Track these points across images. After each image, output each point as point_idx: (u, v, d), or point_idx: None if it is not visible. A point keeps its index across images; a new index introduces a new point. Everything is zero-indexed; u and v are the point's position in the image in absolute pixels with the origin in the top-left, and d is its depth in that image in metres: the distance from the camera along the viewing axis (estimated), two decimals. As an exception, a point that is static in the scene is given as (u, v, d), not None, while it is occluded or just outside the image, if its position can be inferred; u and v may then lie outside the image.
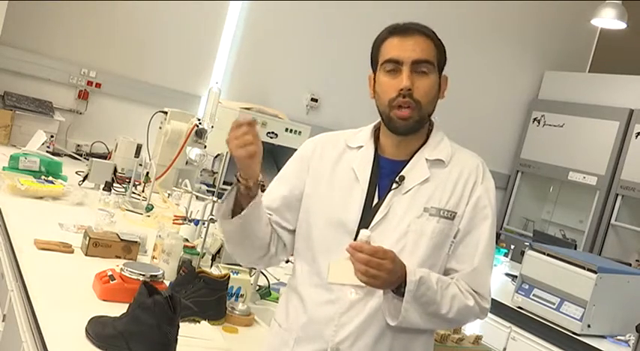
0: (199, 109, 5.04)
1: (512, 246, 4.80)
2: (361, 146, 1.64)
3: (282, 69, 5.46)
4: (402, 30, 1.56)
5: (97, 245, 2.30)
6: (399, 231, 1.54)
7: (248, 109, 4.84)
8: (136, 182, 3.52)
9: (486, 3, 6.07)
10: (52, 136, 4.32)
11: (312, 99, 5.59)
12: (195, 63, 5.16)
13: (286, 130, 4.90)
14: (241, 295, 2.13)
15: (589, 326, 3.07)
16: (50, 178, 3.21)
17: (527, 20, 6.41)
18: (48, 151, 3.89)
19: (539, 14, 6.42)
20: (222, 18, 5.18)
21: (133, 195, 3.41)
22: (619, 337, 3.13)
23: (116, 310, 1.69)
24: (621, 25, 5.37)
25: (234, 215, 1.55)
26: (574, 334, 3.09)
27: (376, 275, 1.39)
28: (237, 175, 1.53)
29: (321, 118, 5.60)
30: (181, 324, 1.63)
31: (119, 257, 2.31)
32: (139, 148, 4.11)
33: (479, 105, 6.35)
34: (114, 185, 3.44)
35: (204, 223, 2.51)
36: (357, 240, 1.42)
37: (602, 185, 5.76)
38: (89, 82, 4.77)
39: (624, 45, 6.26)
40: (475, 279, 1.55)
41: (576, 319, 3.09)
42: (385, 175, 1.59)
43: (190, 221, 2.63)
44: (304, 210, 1.63)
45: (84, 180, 3.51)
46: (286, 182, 1.67)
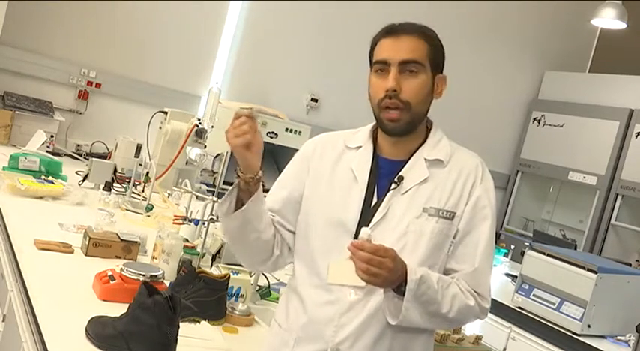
0: (199, 109, 5.04)
1: (512, 246, 4.80)
2: (360, 147, 1.64)
3: (282, 69, 5.46)
4: (393, 31, 1.57)
5: (97, 245, 2.30)
6: (398, 231, 1.54)
7: (248, 109, 4.84)
8: (136, 182, 3.52)
9: (486, 3, 6.07)
10: (52, 136, 4.32)
11: (312, 99, 5.60)
12: (195, 63, 5.16)
13: (286, 130, 4.90)
14: (241, 295, 2.13)
15: (589, 326, 3.07)
16: (50, 178, 3.21)
17: (527, 20, 6.41)
18: (48, 151, 3.89)
19: (539, 14, 6.42)
20: (222, 18, 5.18)
21: (133, 195, 3.41)
22: (619, 337, 3.12)
23: (116, 310, 1.69)
24: (621, 25, 5.37)
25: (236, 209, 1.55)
26: (574, 334, 3.09)
27: (377, 273, 1.39)
28: (237, 170, 1.53)
29: (321, 118, 5.60)
30: (181, 324, 1.63)
31: (119, 257, 2.31)
32: (139, 148, 4.11)
33: (479, 105, 6.35)
34: (114, 185, 3.44)
35: (204, 223, 2.51)
36: (358, 238, 1.42)
37: (602, 185, 5.76)
38: (89, 82, 4.77)
39: (624, 45, 6.26)
40: (475, 279, 1.55)
41: (576, 319, 3.08)
42: (384, 176, 1.59)
43: (190, 221, 2.63)
44: (304, 210, 1.63)
45: (84, 180, 3.51)
46: (287, 184, 1.67)
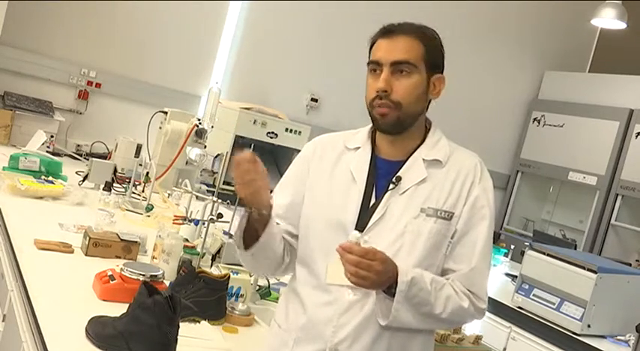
0: (199, 109, 5.04)
1: (512, 246, 4.80)
2: (358, 147, 1.64)
3: (282, 69, 5.46)
4: (389, 31, 1.57)
5: (97, 245, 2.30)
6: (396, 231, 1.54)
7: (248, 109, 4.85)
8: (136, 182, 3.52)
9: (486, 3, 6.07)
10: (52, 136, 4.32)
11: (312, 99, 5.60)
12: (195, 63, 5.16)
13: (286, 130, 4.90)
14: (241, 295, 2.13)
15: (589, 326, 3.07)
16: (50, 178, 3.21)
17: (527, 20, 6.41)
18: (48, 151, 3.89)
19: (539, 14, 6.42)
20: (222, 18, 5.18)
21: (133, 195, 3.41)
22: (619, 337, 3.12)
23: (116, 310, 1.69)
24: (621, 25, 5.37)
25: (248, 237, 1.56)
26: (574, 334, 3.09)
27: (366, 276, 1.40)
28: (247, 208, 1.53)
29: (321, 118, 5.60)
30: (181, 324, 1.63)
31: (119, 257, 2.31)
32: (139, 148, 4.11)
33: (479, 105, 6.35)
34: (114, 185, 3.44)
35: (204, 223, 2.51)
36: (347, 241, 1.43)
37: (602, 185, 5.76)
38: (89, 82, 4.77)
39: (624, 45, 6.26)
40: (472, 279, 1.55)
41: (576, 319, 3.08)
42: (382, 176, 1.59)
43: (190, 221, 2.63)
44: (304, 212, 1.64)
45: (84, 180, 3.51)
46: (289, 187, 1.67)
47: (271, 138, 4.84)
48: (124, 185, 3.58)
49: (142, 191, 3.53)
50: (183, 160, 3.62)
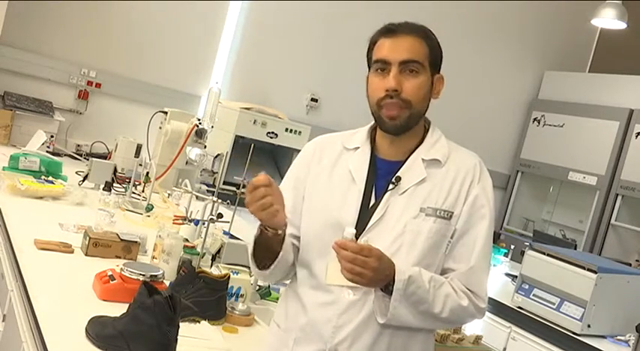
0: (199, 109, 5.04)
1: (512, 246, 4.80)
2: (357, 147, 1.64)
3: (282, 69, 5.46)
4: (392, 31, 1.57)
5: (97, 245, 2.30)
6: (395, 231, 1.54)
7: (248, 109, 4.85)
8: (136, 182, 3.52)
9: (486, 3, 6.07)
10: (52, 136, 4.32)
11: (312, 99, 5.60)
12: (195, 63, 5.16)
13: (286, 130, 4.90)
14: (241, 295, 2.13)
15: (589, 326, 3.07)
16: (50, 178, 3.21)
17: (527, 20, 6.41)
18: (48, 151, 3.89)
19: (539, 14, 6.42)
20: (222, 18, 5.18)
21: (133, 195, 3.41)
22: (619, 337, 3.12)
23: (116, 310, 1.69)
24: (621, 25, 5.37)
25: (262, 252, 1.58)
26: (574, 334, 3.09)
27: (361, 273, 1.40)
28: (262, 226, 1.54)
29: (321, 118, 5.60)
30: (181, 324, 1.63)
31: (119, 257, 2.31)
32: (139, 148, 4.11)
33: (479, 105, 6.35)
34: (114, 185, 3.44)
35: (204, 223, 2.51)
36: (342, 238, 1.43)
37: (602, 185, 5.76)
38: (89, 82, 4.77)
39: (624, 45, 6.26)
40: (471, 278, 1.55)
41: (576, 319, 3.08)
42: (382, 176, 1.59)
43: (190, 221, 2.63)
44: (304, 213, 1.64)
45: (84, 180, 3.51)
46: (290, 190, 1.66)
47: (271, 138, 4.83)
48: (124, 185, 3.58)
49: (142, 191, 3.53)
50: (183, 160, 3.62)
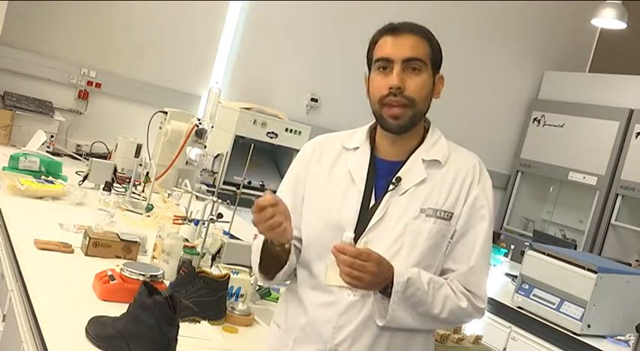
0: (199, 109, 5.04)
1: (512, 246, 4.80)
2: (357, 147, 1.63)
3: (282, 69, 5.46)
4: (394, 29, 1.57)
5: (97, 245, 2.30)
6: (396, 232, 1.54)
7: (248, 109, 4.85)
8: (136, 182, 3.52)
9: (486, 3, 6.07)
10: (52, 136, 4.32)
11: (312, 99, 5.60)
12: (195, 63, 5.16)
13: (286, 130, 4.91)
14: (241, 295, 2.13)
15: (589, 326, 3.07)
16: (50, 178, 3.22)
17: (527, 20, 6.41)
18: (48, 151, 3.89)
19: (539, 14, 6.42)
20: (222, 18, 5.18)
21: (133, 195, 3.41)
22: (619, 337, 3.12)
23: (116, 310, 1.69)
24: (621, 25, 5.37)
25: (266, 257, 1.58)
26: (574, 334, 3.09)
27: (360, 277, 1.41)
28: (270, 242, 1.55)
29: (321, 118, 5.60)
30: (181, 324, 1.63)
31: (119, 257, 2.31)
32: (139, 148, 4.11)
33: (479, 105, 6.35)
34: (114, 185, 3.44)
35: (204, 223, 2.51)
36: (341, 242, 1.43)
37: (602, 185, 5.76)
38: (89, 82, 4.77)
39: (624, 45, 6.26)
40: (471, 278, 1.55)
41: (576, 319, 3.08)
42: (382, 176, 1.59)
43: (190, 221, 2.63)
44: (304, 213, 1.63)
45: (84, 180, 3.51)
46: (290, 191, 1.67)
47: (271, 138, 4.84)
48: (124, 185, 3.58)
49: (142, 191, 3.53)
50: (183, 160, 3.62)
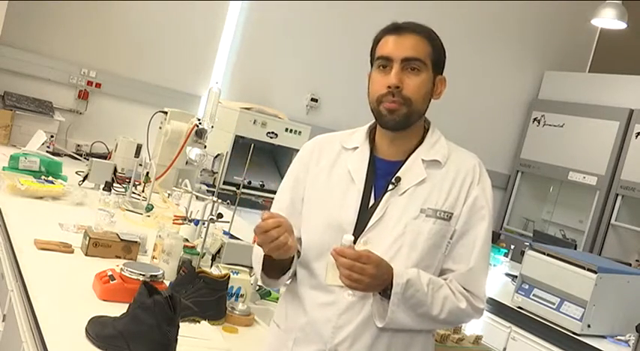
0: (199, 109, 5.04)
1: (512, 246, 4.79)
2: (357, 147, 1.64)
3: (282, 69, 5.46)
4: (396, 29, 1.58)
5: (97, 245, 2.30)
6: (395, 232, 1.54)
7: (248, 109, 4.85)
8: (136, 182, 3.52)
9: (486, 3, 6.07)
10: (52, 136, 4.32)
11: (312, 99, 5.60)
12: (195, 63, 5.16)
13: (286, 130, 4.91)
14: (241, 295, 2.13)
15: (589, 326, 3.07)
16: (50, 178, 3.22)
17: (527, 20, 6.41)
18: (48, 151, 3.89)
19: (539, 14, 6.42)
20: (222, 18, 5.18)
21: (133, 195, 3.41)
22: (619, 337, 3.12)
23: (116, 310, 1.69)
24: (621, 25, 5.37)
25: (269, 263, 1.58)
26: (574, 334, 3.09)
27: (359, 279, 1.41)
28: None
29: (321, 118, 5.60)
30: (181, 324, 1.63)
31: (119, 257, 2.31)
32: (139, 148, 4.11)
33: (479, 105, 6.35)
34: (114, 185, 3.44)
35: (204, 223, 2.51)
36: (340, 245, 1.43)
37: (602, 185, 5.76)
38: (89, 82, 4.77)
39: (624, 45, 6.26)
40: (470, 279, 1.55)
41: (576, 319, 3.08)
42: (381, 176, 1.59)
43: (190, 221, 2.63)
44: (304, 213, 1.64)
45: (84, 180, 3.51)
46: (289, 190, 1.67)
47: (271, 138, 4.84)
48: (124, 185, 3.58)
49: (142, 191, 3.53)
50: (183, 160, 3.62)
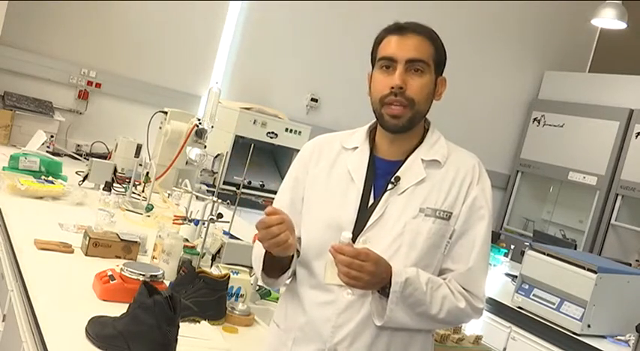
0: (199, 109, 5.04)
1: (512, 246, 4.79)
2: (356, 147, 1.64)
3: (282, 69, 5.46)
4: (399, 29, 1.57)
5: (97, 245, 2.30)
6: (394, 231, 1.54)
7: (248, 109, 4.85)
8: (136, 182, 3.52)
9: (486, 3, 6.07)
10: (52, 136, 4.32)
11: (312, 99, 5.60)
12: (195, 63, 5.16)
13: (286, 130, 4.91)
14: (241, 295, 2.13)
15: (589, 326, 3.07)
16: (50, 178, 3.22)
17: (527, 20, 6.41)
18: (48, 151, 3.89)
19: (539, 14, 6.42)
20: (222, 18, 5.18)
21: (133, 195, 3.41)
22: (619, 337, 3.12)
23: (116, 310, 1.69)
24: (621, 25, 5.37)
25: (268, 262, 1.58)
26: (574, 334, 3.09)
27: (358, 277, 1.41)
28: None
29: (321, 118, 5.60)
30: (181, 324, 1.63)
31: (119, 257, 2.31)
32: (139, 148, 4.11)
33: (479, 105, 6.35)
34: (114, 185, 3.44)
35: (204, 223, 2.51)
36: (338, 242, 1.43)
37: (602, 185, 5.76)
38: (89, 82, 4.78)
39: (624, 45, 6.26)
40: (469, 279, 1.55)
41: (576, 319, 3.08)
42: (381, 176, 1.59)
43: (190, 221, 2.63)
44: (304, 213, 1.64)
45: (84, 180, 3.52)
46: (289, 191, 1.67)
47: (271, 138, 4.84)
48: (124, 185, 3.58)
49: (142, 191, 3.53)
50: (183, 160, 3.62)
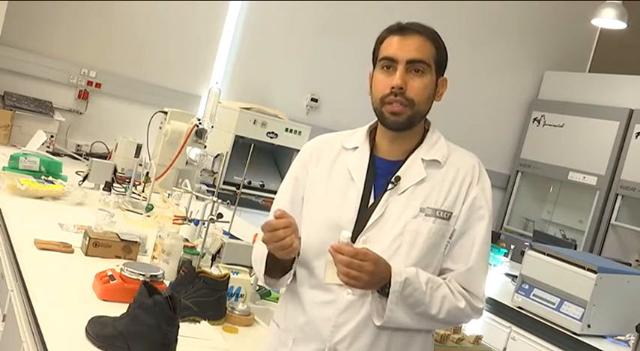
0: (199, 109, 5.04)
1: (512, 246, 4.79)
2: (356, 147, 1.64)
3: (282, 69, 5.46)
4: (401, 29, 1.57)
5: (97, 245, 2.30)
6: (395, 231, 1.54)
7: (248, 109, 4.85)
8: (136, 182, 3.52)
9: (486, 3, 6.07)
10: (52, 136, 4.32)
11: (312, 99, 5.60)
12: (196, 63, 5.16)
13: (286, 130, 4.91)
14: (241, 295, 2.13)
15: (589, 326, 3.07)
16: (50, 178, 3.22)
17: (527, 20, 6.42)
18: (48, 151, 3.89)
19: (539, 14, 6.42)
20: (222, 18, 5.18)
21: (133, 195, 3.41)
22: (619, 337, 3.12)
23: (116, 310, 1.69)
24: (621, 25, 5.37)
25: (270, 263, 1.58)
26: (574, 334, 3.09)
27: (357, 277, 1.41)
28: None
29: (321, 118, 5.60)
30: (181, 324, 1.63)
31: (119, 257, 2.31)
32: (139, 148, 4.11)
33: (479, 105, 6.36)
34: (114, 185, 3.44)
35: (204, 223, 2.51)
36: (338, 242, 1.43)
37: (602, 185, 5.76)
38: (89, 82, 4.78)
39: (624, 45, 6.26)
40: (469, 278, 1.55)
41: (576, 319, 3.08)
42: (381, 176, 1.59)
43: (190, 221, 2.63)
44: (304, 213, 1.64)
45: (84, 180, 3.52)
46: (289, 191, 1.67)
47: (271, 138, 4.84)
48: (124, 185, 3.58)
49: (142, 191, 3.53)
50: (183, 160, 3.62)
